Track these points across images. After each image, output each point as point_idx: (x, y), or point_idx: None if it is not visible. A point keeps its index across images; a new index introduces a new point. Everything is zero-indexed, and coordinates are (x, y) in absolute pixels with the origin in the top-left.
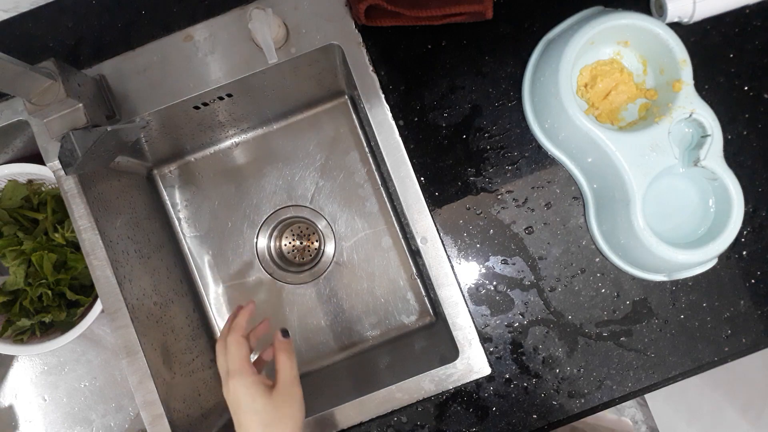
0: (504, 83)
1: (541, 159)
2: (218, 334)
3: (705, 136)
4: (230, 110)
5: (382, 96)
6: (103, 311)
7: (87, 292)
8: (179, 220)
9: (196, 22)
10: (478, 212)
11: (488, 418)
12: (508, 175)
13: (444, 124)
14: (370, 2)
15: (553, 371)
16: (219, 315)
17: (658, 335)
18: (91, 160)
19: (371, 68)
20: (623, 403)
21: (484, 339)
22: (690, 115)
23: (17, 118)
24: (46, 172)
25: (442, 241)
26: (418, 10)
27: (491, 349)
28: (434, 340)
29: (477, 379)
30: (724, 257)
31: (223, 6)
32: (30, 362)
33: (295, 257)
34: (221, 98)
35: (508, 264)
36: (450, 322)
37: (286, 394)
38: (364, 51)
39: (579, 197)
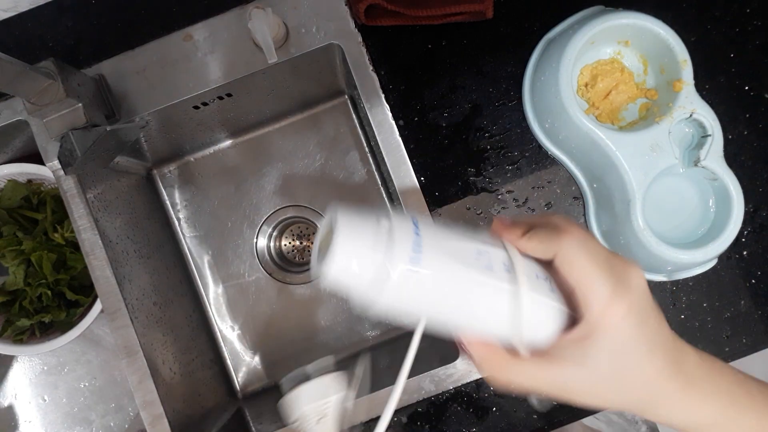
0: (504, 83)
1: (542, 159)
2: (218, 334)
3: (705, 136)
4: (230, 110)
5: (382, 96)
6: (102, 311)
7: (87, 292)
8: (179, 220)
9: (195, 22)
10: (478, 212)
11: (488, 418)
12: (509, 175)
13: (444, 124)
14: (370, 2)
15: None
16: (219, 315)
17: None
18: (90, 160)
19: (371, 68)
20: None
21: None
22: (690, 115)
23: (17, 118)
24: (45, 172)
25: None
26: (418, 9)
27: None
28: (434, 340)
29: (477, 379)
30: (724, 257)
31: (223, 6)
32: (29, 362)
33: (295, 257)
34: (221, 98)
35: None
36: None
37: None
38: (364, 51)
39: (579, 197)
